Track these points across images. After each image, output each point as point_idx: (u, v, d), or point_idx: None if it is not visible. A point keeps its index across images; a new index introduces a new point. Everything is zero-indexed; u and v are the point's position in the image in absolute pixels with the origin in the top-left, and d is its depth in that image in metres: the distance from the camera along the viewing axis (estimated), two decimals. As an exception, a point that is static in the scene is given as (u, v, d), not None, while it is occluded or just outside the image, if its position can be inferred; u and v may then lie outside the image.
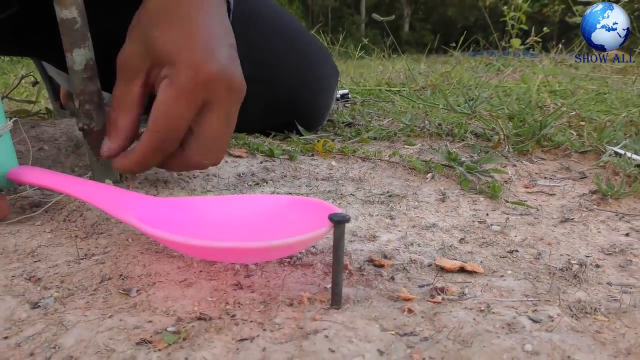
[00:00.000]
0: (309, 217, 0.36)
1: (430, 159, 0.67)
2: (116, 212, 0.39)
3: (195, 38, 0.46)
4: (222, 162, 0.65)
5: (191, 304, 0.34)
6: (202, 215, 0.40)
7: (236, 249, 0.32)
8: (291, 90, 0.82)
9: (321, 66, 0.87)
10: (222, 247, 0.31)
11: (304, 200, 0.38)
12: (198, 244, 0.31)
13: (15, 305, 0.34)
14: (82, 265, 0.39)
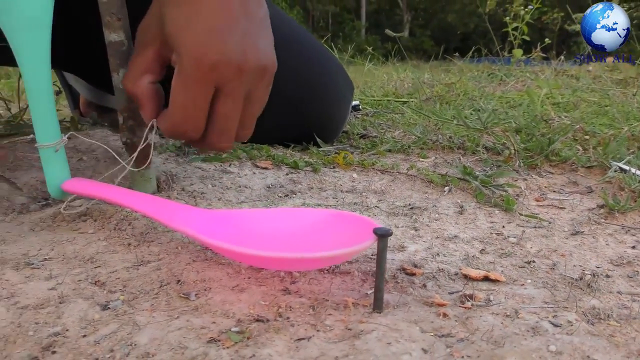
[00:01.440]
0: (349, 229, 0.40)
1: (446, 172, 0.71)
2: (172, 222, 0.43)
3: (200, 19, 0.44)
4: (250, 174, 0.69)
5: (247, 307, 0.38)
6: (249, 226, 0.44)
7: (292, 259, 0.36)
8: (308, 103, 0.86)
9: (337, 80, 0.91)
10: (279, 257, 0.35)
11: (344, 214, 0.42)
12: (257, 254, 0.35)
13: (87, 307, 0.38)
14: (140, 271, 0.43)
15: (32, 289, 0.40)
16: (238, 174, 0.68)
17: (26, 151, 0.68)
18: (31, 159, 0.66)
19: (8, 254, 0.46)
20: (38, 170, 0.64)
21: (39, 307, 0.38)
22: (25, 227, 0.52)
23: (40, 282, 0.41)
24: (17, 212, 0.56)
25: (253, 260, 0.39)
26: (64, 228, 0.52)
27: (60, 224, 0.53)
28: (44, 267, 0.44)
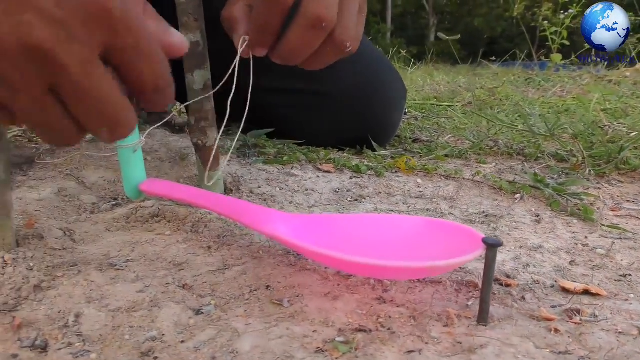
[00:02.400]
0: (449, 238, 0.39)
1: (513, 179, 0.69)
2: (258, 226, 0.42)
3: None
4: (314, 177, 0.68)
5: (344, 316, 0.36)
6: (342, 231, 0.43)
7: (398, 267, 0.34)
8: (365, 108, 0.85)
9: (392, 85, 0.90)
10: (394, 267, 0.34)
11: (442, 222, 0.40)
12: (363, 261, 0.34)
13: (180, 311, 0.37)
14: (226, 275, 0.42)
15: (120, 291, 0.39)
16: (303, 177, 0.67)
17: (92, 150, 0.68)
18: (97, 159, 0.66)
19: (89, 254, 0.46)
20: (105, 169, 0.64)
21: (131, 310, 0.37)
22: (101, 227, 0.52)
23: (127, 284, 0.41)
24: (89, 212, 0.56)
25: (354, 268, 0.38)
26: (139, 229, 0.52)
27: (135, 224, 0.52)
28: (128, 269, 0.43)
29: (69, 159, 0.66)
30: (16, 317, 0.36)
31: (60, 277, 0.42)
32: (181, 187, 0.50)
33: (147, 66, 0.29)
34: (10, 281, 0.40)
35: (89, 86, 0.27)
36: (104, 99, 0.28)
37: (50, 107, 0.28)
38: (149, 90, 0.30)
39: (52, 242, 0.46)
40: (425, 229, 0.40)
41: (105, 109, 0.28)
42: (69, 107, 0.28)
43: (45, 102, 0.28)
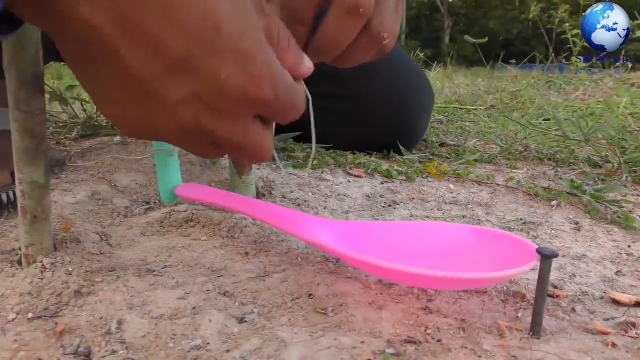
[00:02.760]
0: (494, 248, 0.38)
1: (548, 185, 0.68)
2: (300, 232, 0.41)
3: None
4: (345, 182, 0.67)
5: (391, 326, 0.36)
6: (378, 238, 0.42)
7: (453, 278, 0.33)
8: (394, 113, 0.84)
9: (421, 89, 0.89)
10: (439, 277, 0.33)
11: (487, 231, 0.39)
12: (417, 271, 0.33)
13: (223, 319, 0.37)
14: (267, 282, 0.42)
15: (161, 298, 0.39)
16: (334, 182, 0.66)
17: (122, 153, 0.67)
18: (127, 161, 0.66)
19: (127, 259, 0.45)
20: (136, 172, 0.64)
21: (173, 317, 0.37)
22: (136, 231, 0.51)
23: (167, 290, 0.40)
24: (123, 216, 0.55)
25: (402, 276, 0.37)
26: (174, 233, 0.51)
27: (169, 228, 0.52)
28: (167, 275, 0.43)
29: (99, 162, 0.66)
30: (58, 323, 0.36)
31: (99, 282, 0.41)
32: (217, 192, 0.50)
33: (293, 112, 0.33)
34: (50, 286, 0.40)
35: (248, 145, 0.33)
36: (260, 147, 0.34)
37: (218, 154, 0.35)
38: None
39: (89, 247, 0.46)
40: (472, 238, 0.39)
41: (260, 152, 0.34)
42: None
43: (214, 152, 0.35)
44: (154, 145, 0.49)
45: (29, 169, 0.41)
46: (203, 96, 0.29)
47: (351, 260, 0.38)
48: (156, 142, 0.49)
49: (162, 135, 0.32)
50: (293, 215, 0.43)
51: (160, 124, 0.31)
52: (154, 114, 0.30)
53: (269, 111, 0.32)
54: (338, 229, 0.42)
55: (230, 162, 0.57)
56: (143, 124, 0.31)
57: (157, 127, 0.31)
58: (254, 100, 0.30)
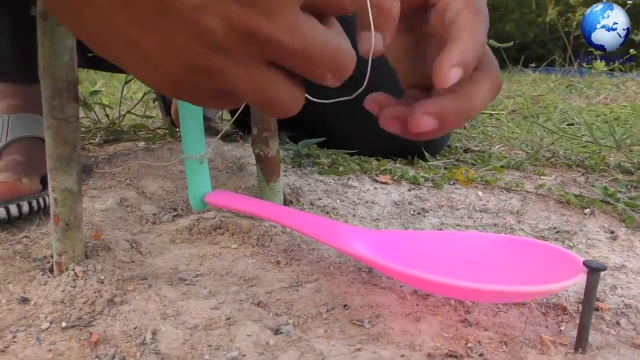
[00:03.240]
0: (535, 260, 0.37)
1: (580, 193, 0.66)
2: (334, 242, 0.41)
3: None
4: (372, 189, 0.67)
5: (430, 339, 0.35)
6: (413, 248, 0.41)
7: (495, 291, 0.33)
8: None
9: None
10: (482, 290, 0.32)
11: (528, 241, 0.38)
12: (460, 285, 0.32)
13: (258, 330, 0.36)
14: (300, 292, 0.41)
15: (194, 308, 0.39)
16: (361, 189, 0.65)
17: (149, 160, 0.67)
18: (154, 168, 0.66)
19: (158, 267, 0.45)
20: (163, 179, 0.64)
21: (208, 327, 0.36)
22: (165, 239, 0.51)
23: (200, 300, 0.40)
24: (151, 223, 0.55)
25: (440, 288, 0.36)
26: (203, 241, 0.51)
27: (198, 236, 0.52)
28: (199, 284, 0.42)
29: (126, 168, 0.66)
30: (93, 333, 0.36)
31: (132, 291, 0.41)
32: (248, 200, 0.49)
33: (321, 69, 0.27)
34: (82, 294, 0.40)
35: (305, 48, 0.26)
36: (321, 51, 0.26)
37: (271, 81, 0.27)
38: (350, 9, 0.29)
39: (120, 255, 0.46)
40: (511, 249, 0.38)
41: (327, 59, 0.27)
42: (293, 69, 0.27)
43: (265, 79, 0.27)
44: (185, 153, 0.49)
45: (63, 177, 0.41)
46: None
47: (390, 272, 0.37)
48: (188, 149, 0.49)
49: (179, 73, 0.26)
50: (328, 224, 0.43)
51: (189, 52, 0.25)
52: (178, 40, 0.25)
53: (280, 55, 0.26)
54: (373, 239, 0.41)
55: (258, 169, 0.57)
56: (170, 62, 0.26)
57: (186, 58, 0.25)
58: (247, 27, 0.24)
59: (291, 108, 0.29)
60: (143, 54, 0.25)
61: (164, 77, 0.26)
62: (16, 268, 0.44)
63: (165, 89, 0.28)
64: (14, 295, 0.40)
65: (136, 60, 0.26)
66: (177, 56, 0.25)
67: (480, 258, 0.39)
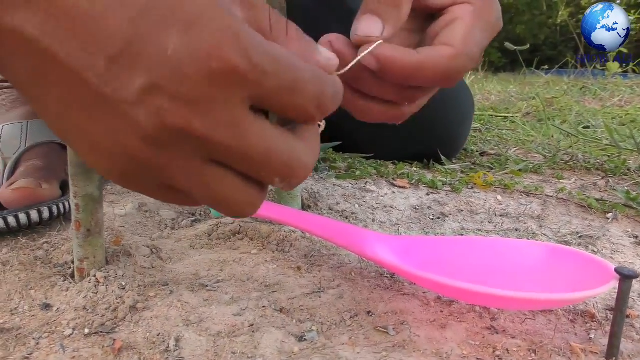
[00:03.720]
0: (564, 266, 0.36)
1: (601, 197, 0.66)
2: (357, 248, 0.40)
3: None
4: (390, 193, 0.66)
5: (457, 347, 0.34)
6: (437, 254, 0.40)
7: (524, 299, 0.32)
8: (435, 122, 0.83)
9: (461, 97, 0.88)
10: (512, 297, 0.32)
11: (557, 248, 0.38)
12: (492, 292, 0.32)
13: (282, 337, 0.36)
14: (322, 299, 0.41)
15: (217, 314, 0.38)
16: (379, 193, 0.65)
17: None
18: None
19: (179, 273, 0.45)
20: (181, 184, 0.64)
21: (231, 334, 0.36)
22: (185, 244, 0.51)
23: (222, 306, 0.39)
24: (170, 228, 0.55)
25: (468, 295, 0.36)
26: (223, 247, 0.51)
27: (218, 241, 0.51)
28: (221, 290, 0.42)
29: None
30: (116, 339, 0.35)
31: (153, 297, 0.41)
32: (268, 206, 0.49)
33: (301, 96, 0.25)
34: (104, 301, 0.39)
35: (246, 148, 0.25)
36: (267, 154, 0.25)
37: (217, 179, 0.26)
38: (318, 115, 0.27)
39: (140, 260, 0.45)
40: (540, 255, 0.38)
41: (274, 163, 0.25)
42: (238, 170, 0.26)
43: (209, 177, 0.25)
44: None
45: (84, 183, 0.41)
46: (160, 83, 0.23)
47: (414, 278, 0.37)
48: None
49: (134, 163, 0.25)
50: (350, 230, 0.42)
51: (125, 143, 0.24)
52: (116, 131, 0.24)
53: (255, 90, 0.24)
54: (396, 245, 0.40)
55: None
56: (112, 150, 0.25)
57: (124, 149, 0.24)
58: (218, 72, 0.23)
59: (245, 209, 0.27)
60: (91, 141, 0.25)
61: (111, 166, 0.26)
62: (37, 274, 0.44)
63: (114, 178, 0.27)
64: (36, 302, 0.40)
65: (86, 147, 0.26)
66: (118, 147, 0.25)
67: (506, 264, 0.38)
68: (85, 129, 0.25)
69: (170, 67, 0.22)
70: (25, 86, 0.25)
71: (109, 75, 0.23)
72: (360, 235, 0.41)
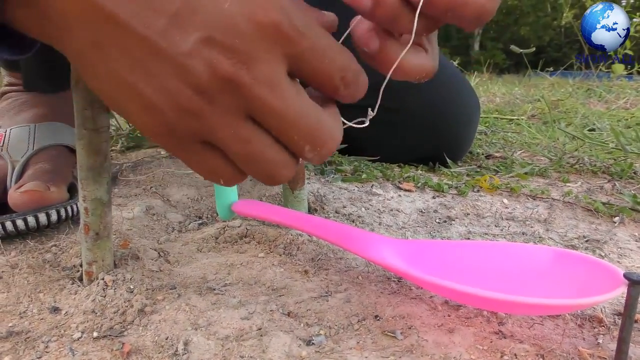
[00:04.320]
0: (571, 271, 0.36)
1: (608, 200, 0.66)
2: (364, 252, 0.40)
3: None
4: (396, 196, 0.66)
5: (465, 352, 0.34)
6: (445, 258, 0.41)
7: (531, 304, 0.32)
8: (441, 125, 0.83)
9: (467, 100, 0.88)
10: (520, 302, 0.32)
11: (564, 252, 0.38)
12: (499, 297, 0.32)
13: (290, 341, 0.36)
14: (330, 302, 0.41)
15: (225, 318, 0.38)
16: (385, 197, 0.65)
17: (172, 167, 0.68)
18: (178, 176, 0.66)
19: (186, 276, 0.45)
20: (188, 187, 0.64)
21: (239, 338, 0.36)
22: (192, 247, 0.51)
23: (230, 310, 0.39)
24: (177, 231, 0.55)
25: (476, 300, 0.36)
26: (230, 250, 0.51)
27: (225, 245, 0.52)
28: (228, 293, 0.42)
29: (151, 176, 0.66)
30: (125, 343, 0.36)
31: (161, 300, 0.41)
32: (275, 209, 0.49)
33: (329, 63, 0.27)
34: (113, 304, 0.40)
35: (282, 107, 0.27)
36: (300, 117, 0.27)
37: (254, 135, 0.28)
38: (341, 88, 0.29)
39: (148, 264, 0.46)
40: (546, 260, 0.38)
41: (305, 127, 0.28)
42: (271, 131, 0.28)
43: (247, 131, 0.28)
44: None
45: (94, 187, 0.41)
46: (215, 36, 0.25)
47: (422, 282, 0.37)
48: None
49: (179, 117, 0.27)
50: (357, 233, 0.42)
51: (177, 94, 0.26)
52: (169, 84, 0.26)
53: (293, 48, 0.26)
54: (404, 249, 0.40)
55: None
56: (163, 105, 0.27)
57: (175, 100, 0.26)
58: (265, 27, 0.26)
59: (279, 170, 0.29)
60: (141, 99, 0.27)
61: (160, 123, 0.28)
62: (46, 277, 0.44)
63: (160, 137, 0.29)
64: (45, 305, 0.40)
65: (136, 107, 0.27)
66: (168, 99, 0.27)
67: (514, 269, 0.38)
68: (140, 88, 0.27)
69: (224, 22, 0.25)
70: (83, 54, 0.27)
71: (168, 31, 0.25)
72: (366, 239, 0.41)
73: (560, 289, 0.35)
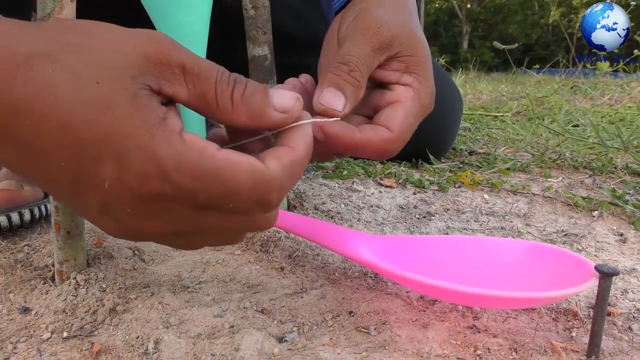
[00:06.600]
0: (545, 265, 0.36)
1: (587, 195, 0.66)
2: (340, 248, 0.40)
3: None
4: (377, 192, 0.66)
5: (438, 346, 0.34)
6: (420, 253, 0.40)
7: (502, 298, 0.32)
8: (425, 123, 0.83)
9: (450, 97, 0.88)
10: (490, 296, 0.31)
11: (537, 245, 0.38)
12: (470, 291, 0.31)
13: (262, 338, 0.35)
14: (304, 299, 0.40)
15: (197, 316, 0.38)
16: (365, 193, 0.65)
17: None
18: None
19: (160, 275, 0.44)
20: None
21: (211, 336, 0.36)
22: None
23: (203, 308, 0.39)
24: (154, 229, 0.54)
25: (450, 295, 0.36)
26: (207, 248, 0.50)
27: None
28: (202, 291, 0.42)
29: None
30: (95, 343, 0.35)
31: (134, 299, 0.40)
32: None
33: (239, 202, 0.27)
34: (84, 304, 0.39)
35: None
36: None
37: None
38: (263, 211, 0.29)
39: (122, 262, 0.45)
40: (521, 253, 0.38)
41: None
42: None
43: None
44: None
45: (63, 184, 0.40)
46: (110, 205, 0.26)
47: (396, 278, 0.37)
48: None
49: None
50: (333, 229, 0.42)
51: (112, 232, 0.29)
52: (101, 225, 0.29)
53: (190, 201, 0.26)
54: (379, 244, 0.40)
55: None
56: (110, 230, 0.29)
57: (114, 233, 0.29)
58: (150, 197, 0.25)
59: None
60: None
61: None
62: (17, 277, 0.43)
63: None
64: (14, 305, 0.40)
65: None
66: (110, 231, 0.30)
67: (489, 263, 0.38)
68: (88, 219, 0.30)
69: (111, 194, 0.26)
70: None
71: (73, 197, 0.27)
72: (343, 235, 0.40)
73: (533, 282, 0.35)
